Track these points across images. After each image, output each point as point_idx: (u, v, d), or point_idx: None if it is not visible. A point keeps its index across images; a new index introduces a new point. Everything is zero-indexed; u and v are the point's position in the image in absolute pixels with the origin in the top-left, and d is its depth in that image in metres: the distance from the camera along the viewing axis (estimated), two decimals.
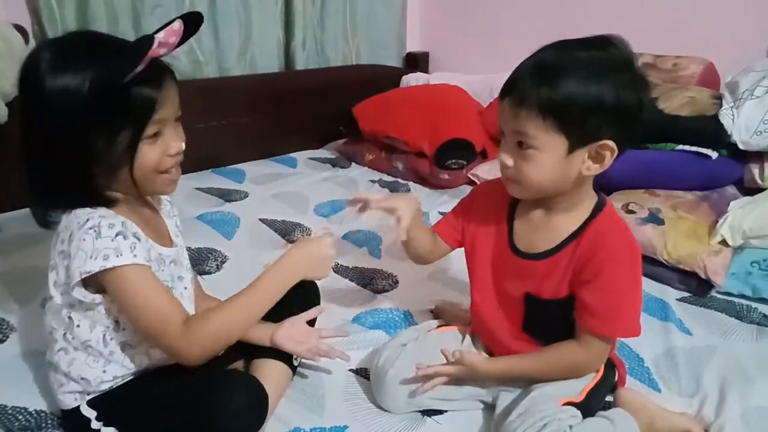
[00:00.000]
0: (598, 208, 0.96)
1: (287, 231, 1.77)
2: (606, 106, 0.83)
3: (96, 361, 0.90)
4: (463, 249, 1.13)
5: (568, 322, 0.97)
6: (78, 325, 0.88)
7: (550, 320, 1.00)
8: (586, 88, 0.82)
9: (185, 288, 0.99)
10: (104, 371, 0.90)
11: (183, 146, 0.89)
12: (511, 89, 0.87)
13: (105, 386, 0.91)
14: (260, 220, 1.83)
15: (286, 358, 1.06)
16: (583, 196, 0.95)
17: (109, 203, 0.86)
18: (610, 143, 0.86)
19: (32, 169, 0.85)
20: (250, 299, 0.93)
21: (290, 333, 1.04)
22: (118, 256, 0.80)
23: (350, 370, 1.16)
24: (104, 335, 0.89)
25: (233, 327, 0.91)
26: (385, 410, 1.05)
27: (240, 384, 0.90)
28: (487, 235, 1.05)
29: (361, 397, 1.09)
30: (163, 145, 0.86)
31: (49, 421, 0.99)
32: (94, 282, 0.84)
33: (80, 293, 0.84)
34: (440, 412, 1.06)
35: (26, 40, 1.75)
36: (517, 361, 1.00)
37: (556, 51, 0.87)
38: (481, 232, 1.06)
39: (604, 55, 0.85)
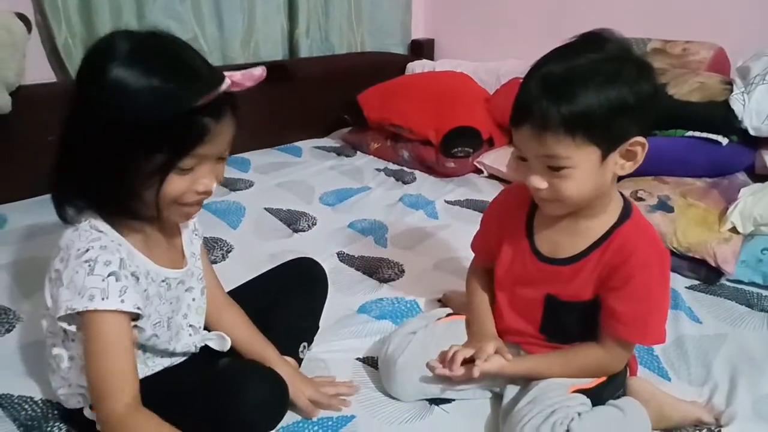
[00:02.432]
0: (625, 212, 0.94)
1: (293, 220, 1.77)
2: (629, 106, 0.81)
3: None
4: (469, 241, 1.17)
5: (586, 323, 0.97)
6: (73, 340, 0.85)
7: (569, 321, 0.99)
8: (605, 94, 0.80)
9: (193, 299, 0.96)
10: None
11: (213, 187, 0.83)
12: (528, 115, 0.82)
13: None
14: (265, 209, 1.82)
15: (293, 352, 1.06)
16: (609, 199, 0.94)
17: (125, 216, 0.82)
18: (640, 139, 0.84)
19: (64, 159, 0.80)
20: None
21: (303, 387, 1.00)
22: (103, 299, 0.76)
23: (357, 359, 1.16)
24: None
25: None
26: (394, 398, 1.05)
27: (264, 381, 0.89)
28: (507, 239, 1.04)
29: (369, 386, 1.09)
30: (192, 179, 0.81)
31: (56, 412, 0.98)
32: (77, 316, 0.80)
33: (63, 324, 0.81)
34: (448, 400, 1.05)
35: (28, 29, 1.74)
36: (539, 362, 1.00)
37: (559, 62, 0.83)
38: (503, 237, 1.05)
39: (606, 54, 0.83)
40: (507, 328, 1.06)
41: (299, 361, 1.08)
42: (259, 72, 0.77)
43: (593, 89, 0.79)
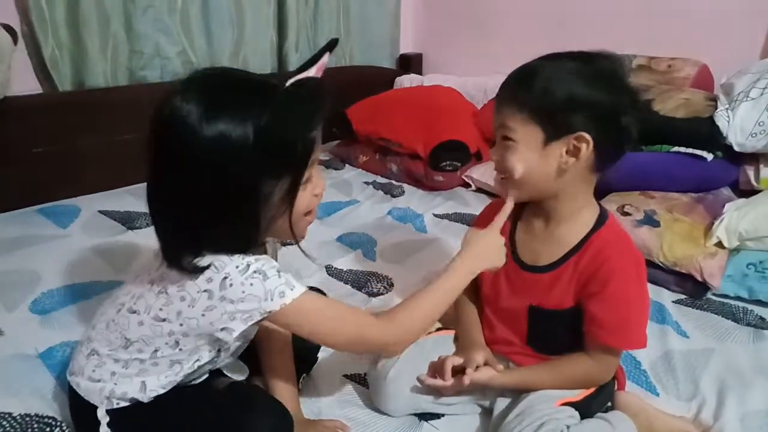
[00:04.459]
0: (601, 220, 0.97)
1: None
2: (582, 105, 0.87)
3: (163, 385, 0.86)
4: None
5: (571, 333, 0.97)
6: (181, 349, 0.84)
7: (553, 332, 1.00)
8: (559, 85, 0.88)
9: None
10: (153, 395, 0.86)
11: (325, 185, 0.88)
12: (500, 92, 0.94)
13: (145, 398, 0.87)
14: None
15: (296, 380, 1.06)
16: (581, 205, 0.97)
17: (254, 250, 0.83)
18: (585, 135, 0.88)
19: (180, 221, 0.79)
20: (442, 286, 0.93)
21: None
22: (291, 289, 0.80)
23: (344, 375, 1.15)
24: (199, 363, 0.87)
25: (429, 312, 0.92)
26: (384, 413, 1.04)
27: (272, 415, 0.87)
28: None
29: (357, 404, 1.08)
30: (311, 186, 0.84)
31: (35, 425, 0.97)
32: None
33: (226, 334, 0.81)
34: (437, 416, 1.05)
35: (15, 41, 1.73)
36: (529, 373, 1.00)
37: (543, 59, 0.93)
38: None
39: (586, 63, 0.90)
40: (495, 339, 1.06)
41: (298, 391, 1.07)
42: (326, 59, 0.87)
43: (551, 79, 0.88)
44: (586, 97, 0.87)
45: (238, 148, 0.74)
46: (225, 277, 0.79)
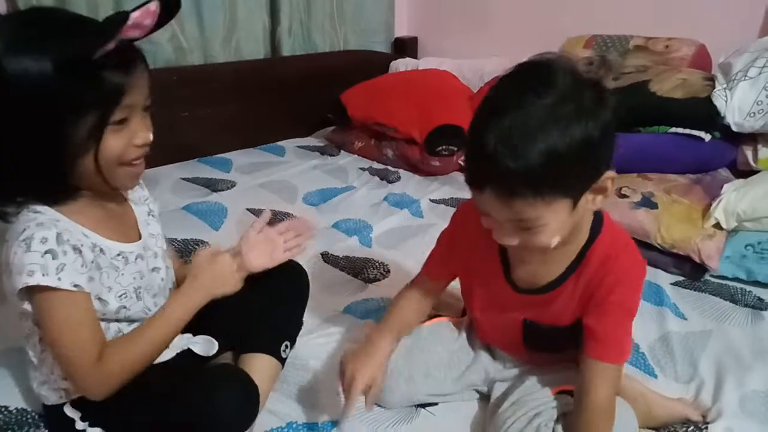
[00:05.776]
0: (597, 225, 0.87)
1: (276, 221, 1.74)
2: (595, 141, 0.71)
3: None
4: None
5: (569, 339, 0.92)
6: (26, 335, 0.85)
7: (551, 341, 0.96)
8: (570, 138, 0.69)
9: (162, 279, 0.96)
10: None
11: (150, 137, 0.83)
12: (490, 178, 0.73)
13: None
14: (248, 210, 1.80)
15: (275, 351, 1.04)
16: (581, 224, 0.86)
17: (67, 197, 0.82)
18: (609, 173, 0.76)
19: None
20: (159, 330, 0.90)
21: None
22: (43, 275, 0.76)
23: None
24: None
25: (142, 360, 0.87)
26: (380, 405, 1.03)
27: (235, 384, 0.88)
28: (480, 262, 0.96)
29: None
30: (129, 134, 0.81)
31: (30, 420, 0.96)
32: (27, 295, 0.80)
33: (28, 306, 0.80)
34: (435, 403, 1.04)
35: None
36: None
37: (512, 112, 0.70)
38: (474, 258, 0.97)
39: (558, 93, 0.71)
40: (490, 339, 1.06)
41: (282, 361, 1.06)
42: (153, 6, 0.77)
43: (558, 136, 0.69)
44: (599, 133, 0.71)
45: (38, 81, 0.72)
46: (9, 246, 0.78)
